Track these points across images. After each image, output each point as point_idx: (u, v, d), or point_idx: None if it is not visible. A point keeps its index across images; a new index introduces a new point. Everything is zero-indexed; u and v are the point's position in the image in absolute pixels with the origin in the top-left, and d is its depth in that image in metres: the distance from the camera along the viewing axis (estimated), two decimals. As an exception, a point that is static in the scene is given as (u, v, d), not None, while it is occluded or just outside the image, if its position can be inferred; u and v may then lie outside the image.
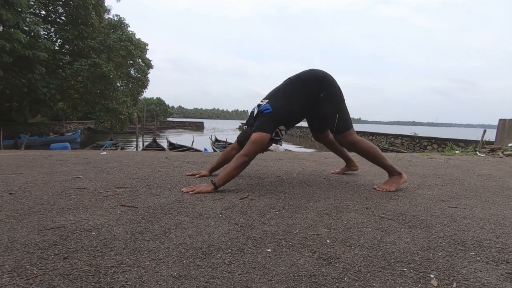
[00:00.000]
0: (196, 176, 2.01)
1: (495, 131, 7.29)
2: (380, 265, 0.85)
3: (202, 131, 34.93)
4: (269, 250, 0.92)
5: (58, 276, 0.74)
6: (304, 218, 1.22)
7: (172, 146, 11.21)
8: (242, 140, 1.81)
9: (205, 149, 9.60)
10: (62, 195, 1.46)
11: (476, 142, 10.00)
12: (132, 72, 15.73)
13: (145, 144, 12.52)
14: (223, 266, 0.81)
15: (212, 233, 1.04)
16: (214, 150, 11.33)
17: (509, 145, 5.01)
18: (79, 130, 18.66)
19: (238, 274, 0.78)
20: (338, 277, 0.78)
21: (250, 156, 1.65)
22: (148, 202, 1.38)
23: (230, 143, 11.75)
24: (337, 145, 2.16)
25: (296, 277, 0.77)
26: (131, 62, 15.04)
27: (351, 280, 0.77)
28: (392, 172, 1.85)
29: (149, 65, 16.12)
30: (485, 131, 8.57)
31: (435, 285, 0.75)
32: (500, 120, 5.87)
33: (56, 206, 1.29)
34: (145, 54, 15.71)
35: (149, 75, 16.31)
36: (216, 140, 14.01)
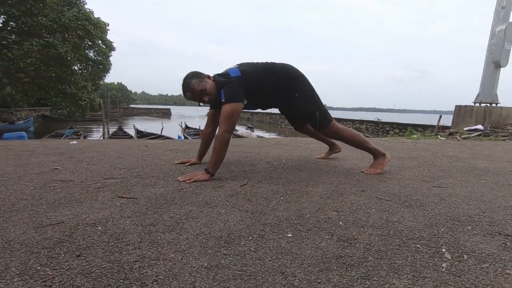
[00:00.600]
0: (186, 164, 1.95)
1: (446, 116, 7.98)
2: (396, 243, 0.90)
3: (170, 118, 33.78)
4: (290, 235, 0.93)
5: (78, 275, 0.69)
6: (310, 202, 1.25)
7: (141, 134, 10.73)
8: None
9: (179, 137, 9.32)
10: (45, 189, 1.33)
11: (432, 126, 10.84)
12: (91, 54, 14.53)
13: (110, 132, 11.82)
14: (250, 254, 0.81)
15: (227, 221, 1.02)
16: (186, 137, 11.06)
17: (465, 129, 5.52)
18: (32, 118, 16.95)
19: (269, 260, 0.78)
20: (363, 256, 0.81)
21: (231, 130, 1.58)
22: (147, 193, 1.31)
23: (203, 131, 11.54)
24: (318, 133, 2.23)
25: (325, 260, 0.79)
26: (90, 43, 13.87)
27: (375, 259, 0.80)
28: (377, 154, 1.94)
29: (110, 47, 14.99)
30: (440, 116, 9.31)
31: (450, 258, 0.82)
32: (456, 106, 6.42)
33: (44, 200, 1.18)
34: (106, 35, 14.55)
35: (110, 58, 15.20)
36: (187, 127, 13.65)
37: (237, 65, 1.72)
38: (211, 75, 1.70)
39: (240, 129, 13.05)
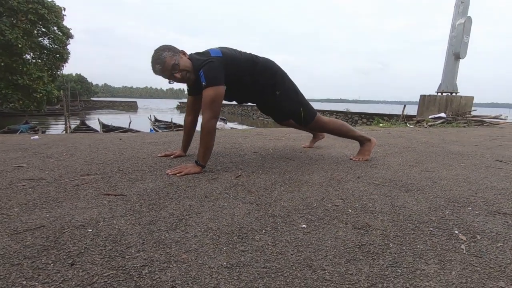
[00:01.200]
0: (171, 157, 1.82)
1: (409, 106, 8.47)
2: (409, 228, 0.88)
3: (136, 111, 32.22)
4: (304, 225, 0.88)
5: (77, 287, 0.58)
6: (312, 191, 1.21)
7: (107, 128, 10.08)
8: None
9: (151, 130, 8.88)
10: (13, 189, 1.16)
11: (397, 116, 11.43)
12: (46, 42, 13.24)
13: (72, 127, 10.96)
14: (270, 248, 0.74)
15: (233, 214, 0.95)
16: (156, 131, 10.60)
17: (430, 117, 5.87)
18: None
19: (291, 254, 0.72)
20: (384, 243, 0.78)
21: (216, 117, 1.47)
22: (135, 189, 1.19)
23: (176, 124, 11.10)
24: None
25: (348, 249, 0.75)
26: (44, 29, 12.62)
27: (397, 245, 0.78)
28: (363, 141, 1.95)
29: (67, 34, 13.76)
30: (404, 106, 9.82)
31: (465, 239, 0.82)
32: (421, 96, 6.79)
33: (15, 202, 1.02)
34: (62, 21, 13.31)
35: (68, 47, 13.98)
36: (156, 120, 13.08)
37: (218, 47, 1.61)
38: (187, 52, 1.56)
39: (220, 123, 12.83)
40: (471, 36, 6.15)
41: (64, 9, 13.21)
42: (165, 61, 1.43)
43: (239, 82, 1.60)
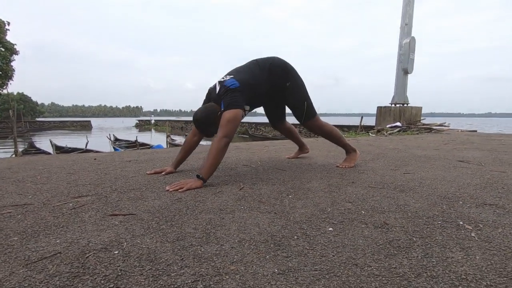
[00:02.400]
0: (162, 174, 1.75)
1: (359, 118, 9.22)
2: (422, 223, 0.97)
3: (90, 131, 30.11)
4: (330, 229, 0.91)
5: (135, 311, 0.54)
6: (319, 197, 1.26)
7: (61, 150, 9.27)
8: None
9: (115, 149, 8.35)
10: (0, 218, 1.03)
11: (355, 126, 12.23)
12: (-15, 58, 11.94)
13: (20, 149, 9.87)
14: (310, 252, 0.76)
15: (258, 224, 0.95)
16: (114, 149, 10.01)
17: (387, 126, 6.41)
18: None
19: (333, 256, 0.74)
20: (409, 238, 0.85)
21: (230, 136, 1.52)
22: (142, 207, 1.13)
23: (141, 142, 10.60)
24: (292, 132, 2.30)
25: (381, 246, 0.80)
26: (-18, 45, 11.41)
27: (419, 238, 0.85)
28: (349, 150, 2.08)
29: (12, 50, 12.58)
30: (362, 117, 10.57)
31: (471, 228, 0.92)
32: (377, 107, 7.41)
33: (10, 231, 0.91)
34: (5, 36, 12.17)
35: (13, 63, 12.75)
36: (117, 139, 12.36)
37: (230, 75, 1.65)
38: (220, 108, 1.62)
39: (179, 138, 12.49)
40: (416, 53, 6.92)
41: (8, 24, 12.14)
42: (206, 123, 1.60)
43: (261, 94, 1.74)
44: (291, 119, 2.33)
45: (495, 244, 0.81)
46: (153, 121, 39.23)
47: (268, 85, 1.75)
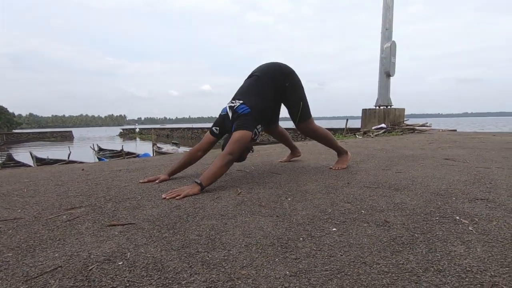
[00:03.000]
0: (156, 181, 1.72)
1: (345, 121, 9.47)
2: (421, 220, 0.99)
3: (72, 142, 29.18)
4: (334, 229, 0.92)
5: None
6: (318, 199, 1.27)
7: (43, 162, 8.93)
8: (223, 143, 1.74)
9: (100, 159, 8.12)
10: (-11, 233, 0.98)
11: (341, 129, 12.45)
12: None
13: (-3, 163, 9.42)
14: (318, 253, 0.77)
15: (262, 228, 0.95)
16: (99, 159, 9.75)
17: (373, 128, 6.57)
18: None
19: (341, 255, 0.75)
20: (411, 235, 0.87)
21: (235, 155, 1.56)
22: (140, 216, 1.10)
23: (127, 152, 10.37)
24: (285, 136, 2.32)
25: (385, 243, 0.81)
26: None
27: (421, 234, 0.87)
28: (342, 152, 2.12)
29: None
30: (347, 120, 10.77)
31: (467, 222, 0.95)
32: (362, 109, 7.58)
33: (2, 247, 0.86)
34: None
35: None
36: (101, 149, 12.04)
37: (239, 100, 1.69)
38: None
39: (165, 146, 12.31)
40: (397, 57, 7.16)
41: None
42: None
43: (267, 108, 1.79)
44: (284, 124, 2.35)
45: (493, 236, 0.84)
46: (137, 130, 38.51)
47: (275, 95, 1.81)
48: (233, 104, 1.69)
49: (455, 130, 6.97)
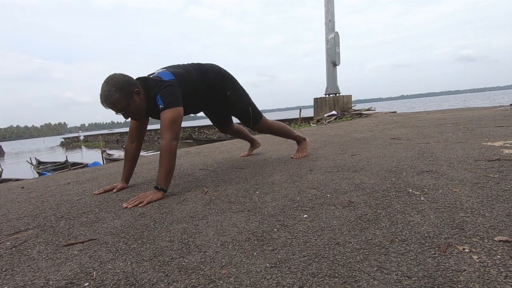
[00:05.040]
0: (114, 191, 1.60)
1: (298, 111, 9.92)
2: (380, 196, 1.07)
3: (3, 157, 25.74)
4: (305, 216, 0.95)
5: None
6: (285, 189, 1.30)
7: (-32, 184, 7.73)
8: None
9: (43, 173, 7.27)
10: None
11: (296, 119, 12.88)
12: None
13: None
14: (294, 241, 0.78)
15: (235, 224, 0.94)
16: (40, 174, 8.79)
17: (325, 115, 6.91)
18: None
19: (315, 240, 0.78)
20: (373, 211, 0.93)
21: (177, 138, 1.43)
22: (102, 230, 1.02)
23: (72, 162, 9.41)
24: (241, 131, 2.32)
25: (353, 222, 0.86)
26: None
27: (382, 209, 0.94)
28: (300, 140, 2.19)
29: None
30: (300, 110, 11.17)
31: (418, 193, 1.06)
32: (314, 99, 7.92)
33: None
34: None
35: None
36: (40, 162, 10.81)
37: (164, 68, 1.56)
38: (138, 81, 1.45)
39: (117, 152, 11.51)
40: (341, 47, 7.58)
41: None
42: (114, 103, 1.36)
43: (196, 94, 1.61)
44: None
45: (441, 203, 0.95)
46: (82, 137, 35.36)
47: (207, 88, 1.67)
48: (153, 73, 1.53)
49: (395, 112, 7.67)
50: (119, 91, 1.35)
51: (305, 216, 0.95)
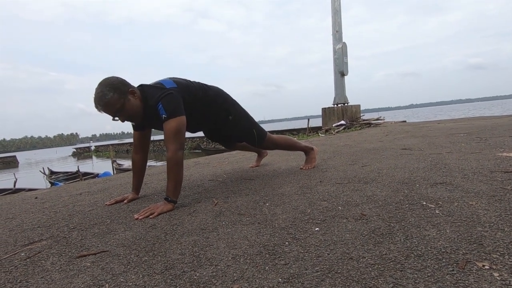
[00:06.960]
0: (125, 202, 1.62)
1: (306, 121, 9.86)
2: (392, 209, 1.05)
3: (17, 167, 26.36)
4: (317, 229, 0.94)
5: None
6: (295, 201, 1.29)
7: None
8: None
9: (56, 183, 7.42)
10: None
11: (304, 129, 12.86)
12: None
13: None
14: (306, 255, 0.77)
15: (246, 236, 0.93)
16: (53, 184, 8.95)
17: (333, 125, 6.89)
18: None
19: (328, 254, 0.77)
20: (387, 225, 0.92)
21: (183, 148, 1.42)
22: (113, 241, 1.02)
23: (83, 172, 9.58)
24: (247, 145, 2.31)
25: (367, 236, 0.84)
26: None
27: (396, 223, 0.92)
28: (308, 150, 2.17)
29: None
30: (309, 120, 11.16)
31: (433, 206, 1.03)
32: (322, 108, 7.92)
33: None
34: None
35: None
36: (53, 172, 11.04)
37: (169, 77, 1.58)
38: (137, 88, 1.45)
39: (127, 162, 11.67)
40: (349, 57, 7.61)
41: None
42: (108, 103, 1.33)
43: (193, 110, 1.58)
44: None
45: (457, 217, 0.92)
46: (93, 148, 36.02)
47: (206, 108, 1.64)
48: (160, 79, 1.53)
49: (405, 121, 7.58)
50: (112, 91, 1.32)
51: (316, 229, 0.94)
